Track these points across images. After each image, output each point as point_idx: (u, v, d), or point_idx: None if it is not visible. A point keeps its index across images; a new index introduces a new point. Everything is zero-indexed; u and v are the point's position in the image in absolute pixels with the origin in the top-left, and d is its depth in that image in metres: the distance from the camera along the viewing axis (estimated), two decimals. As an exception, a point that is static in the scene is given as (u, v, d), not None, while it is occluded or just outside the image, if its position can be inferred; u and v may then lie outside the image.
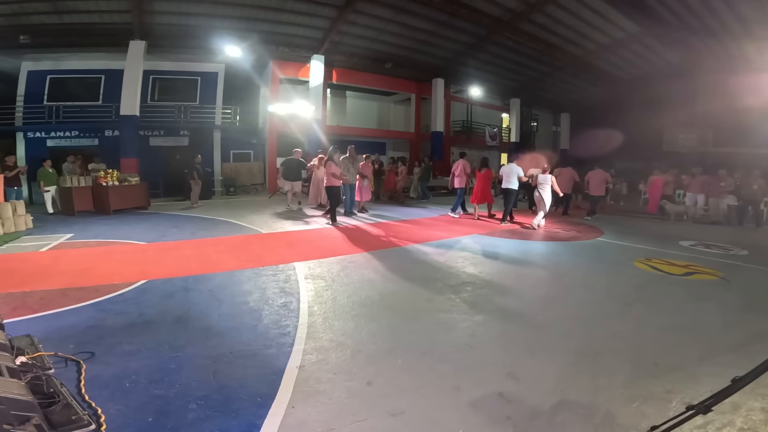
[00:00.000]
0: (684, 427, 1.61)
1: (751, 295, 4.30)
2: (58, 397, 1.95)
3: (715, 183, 10.16)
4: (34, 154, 12.54)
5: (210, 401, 2.12)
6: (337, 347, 2.81)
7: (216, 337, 2.92)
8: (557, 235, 7.76)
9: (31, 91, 13.45)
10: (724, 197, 10.05)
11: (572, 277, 4.82)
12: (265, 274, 4.54)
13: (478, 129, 21.58)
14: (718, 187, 10.07)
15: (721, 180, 10.13)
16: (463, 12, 13.53)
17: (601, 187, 10.29)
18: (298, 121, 14.60)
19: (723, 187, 10.04)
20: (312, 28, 14.06)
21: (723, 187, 10.04)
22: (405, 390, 2.29)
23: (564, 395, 2.27)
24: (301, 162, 10.66)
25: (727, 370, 1.75)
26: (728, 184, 10.08)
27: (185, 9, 12.12)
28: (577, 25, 14.75)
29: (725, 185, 10.05)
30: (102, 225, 7.81)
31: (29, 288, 3.92)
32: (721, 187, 10.04)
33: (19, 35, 11.50)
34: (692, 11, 12.55)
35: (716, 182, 10.15)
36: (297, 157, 10.60)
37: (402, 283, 4.37)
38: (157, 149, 14.33)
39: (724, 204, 10.04)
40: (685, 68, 16.45)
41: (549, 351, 2.84)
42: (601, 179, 10.26)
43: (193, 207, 10.62)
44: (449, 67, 17.71)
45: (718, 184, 10.09)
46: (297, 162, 10.49)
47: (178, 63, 14.68)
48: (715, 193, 10.12)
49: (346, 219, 8.84)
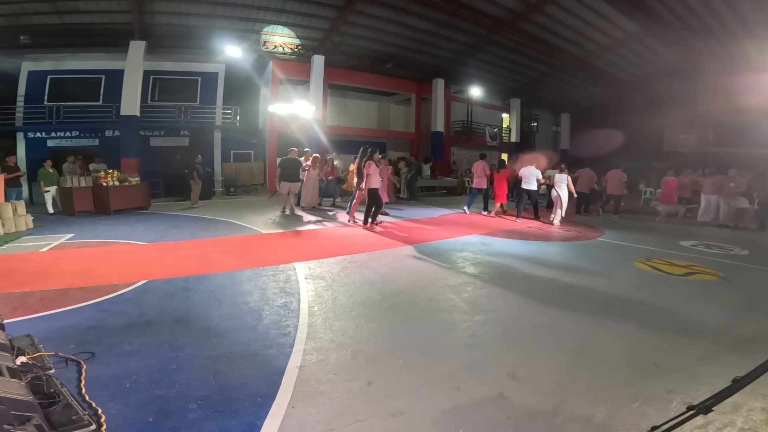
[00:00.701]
0: (685, 427, 1.61)
1: (752, 296, 4.30)
2: (59, 397, 1.95)
3: (725, 183, 9.44)
4: (35, 154, 12.54)
5: (210, 401, 2.12)
6: (337, 347, 2.81)
7: (216, 338, 2.92)
8: (558, 235, 7.75)
9: (32, 92, 13.45)
10: (734, 198, 9.35)
11: (572, 277, 4.82)
12: (266, 275, 4.54)
13: (479, 129, 21.58)
14: (728, 188, 9.35)
15: (730, 180, 9.41)
16: (463, 12, 13.53)
17: (619, 186, 10.65)
18: (298, 121, 14.59)
19: (733, 188, 9.32)
20: (312, 29, 14.07)
21: (733, 188, 9.32)
22: (405, 390, 2.29)
23: (564, 395, 2.27)
24: (298, 161, 10.18)
25: (727, 370, 1.75)
26: (739, 184, 9.37)
27: (185, 9, 12.14)
28: (578, 25, 14.75)
29: (735, 186, 9.32)
30: (102, 225, 7.81)
31: (30, 288, 3.92)
32: (731, 188, 9.32)
33: (20, 35, 11.51)
34: (692, 11, 12.55)
35: (726, 182, 9.43)
36: (293, 156, 10.11)
37: (402, 284, 4.37)
38: (158, 149, 14.33)
39: (734, 206, 9.34)
40: (685, 68, 16.44)
41: (549, 351, 2.84)
42: (619, 179, 10.64)
43: (194, 207, 10.62)
44: (449, 67, 17.71)
45: (728, 185, 9.37)
46: (294, 161, 10.02)
47: (179, 63, 14.68)
48: (726, 194, 9.39)
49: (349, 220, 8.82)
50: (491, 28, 14.80)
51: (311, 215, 9.55)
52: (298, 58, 14.90)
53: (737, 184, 9.36)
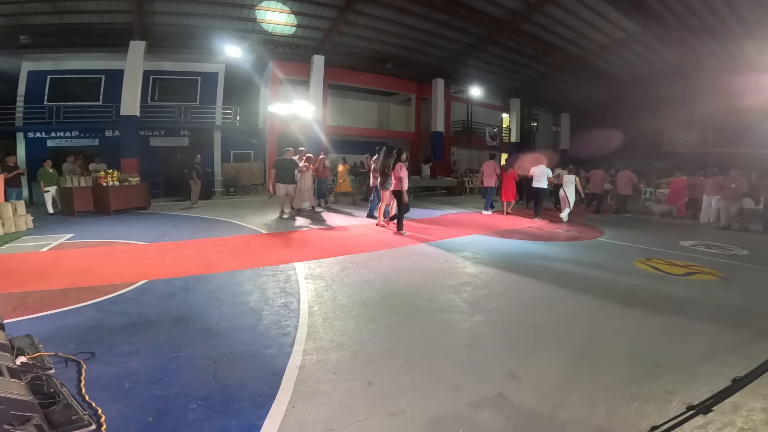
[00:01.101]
0: (684, 427, 1.61)
1: (752, 295, 4.30)
2: (59, 397, 1.95)
3: (726, 184, 9.18)
4: (35, 154, 12.56)
5: (210, 401, 2.12)
6: (337, 347, 2.81)
7: (216, 338, 2.92)
8: (558, 235, 7.76)
9: (32, 92, 13.46)
10: (737, 200, 9.12)
11: (572, 277, 4.82)
12: (266, 275, 4.54)
13: (479, 129, 21.59)
14: (729, 189, 9.09)
15: (731, 181, 9.16)
16: (463, 12, 13.54)
17: (628, 186, 11.03)
18: (298, 121, 14.60)
19: (734, 189, 9.06)
20: (312, 29, 14.06)
21: (734, 189, 9.06)
22: (405, 390, 2.29)
23: (564, 395, 2.27)
24: (293, 162, 9.70)
25: (727, 370, 1.75)
26: (741, 185, 9.15)
27: (185, 9, 12.14)
28: (577, 25, 14.76)
29: (737, 187, 9.08)
30: (102, 225, 7.81)
31: (29, 288, 3.92)
32: (732, 189, 9.06)
33: (20, 35, 11.52)
34: (692, 11, 12.56)
35: (727, 183, 9.18)
36: (289, 157, 9.65)
37: (402, 284, 4.37)
38: (158, 149, 14.34)
39: (736, 207, 9.12)
40: (685, 68, 16.45)
41: (549, 351, 2.84)
42: (627, 179, 11.03)
43: (194, 207, 10.62)
44: (449, 67, 17.72)
45: (729, 186, 9.12)
46: (289, 162, 9.57)
47: (179, 63, 14.69)
48: (726, 195, 9.13)
49: (355, 220, 8.83)
50: (491, 28, 14.81)
51: (311, 215, 9.55)
52: (298, 58, 14.90)
53: (739, 185, 9.18)
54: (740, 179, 9.35)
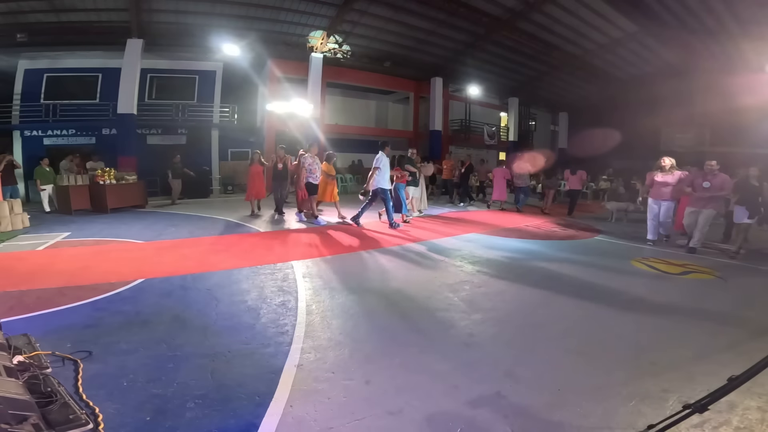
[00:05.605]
0: (681, 425, 1.62)
1: (748, 295, 4.33)
2: (56, 396, 1.95)
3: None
4: (31, 152, 12.50)
5: (208, 400, 2.12)
6: (335, 346, 2.81)
7: (214, 336, 2.91)
8: (555, 234, 7.77)
9: (28, 90, 13.36)
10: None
11: (569, 276, 4.83)
12: (263, 273, 4.54)
13: (477, 128, 21.57)
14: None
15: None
16: (461, 11, 13.52)
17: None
18: (296, 119, 14.56)
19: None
20: (311, 27, 14.02)
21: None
22: (403, 389, 2.29)
23: (562, 394, 2.28)
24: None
25: (723, 369, 1.76)
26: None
27: (183, 7, 12.07)
28: (576, 24, 14.76)
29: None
30: (99, 223, 7.78)
31: (26, 287, 3.90)
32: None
33: (16, 33, 11.43)
34: (690, 11, 12.58)
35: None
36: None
37: (400, 282, 4.37)
38: (155, 148, 14.26)
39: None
40: (683, 68, 16.49)
41: (547, 350, 2.85)
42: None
43: (174, 204, 10.91)
44: (448, 66, 17.70)
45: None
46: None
47: (176, 61, 14.62)
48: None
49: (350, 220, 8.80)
50: (490, 27, 14.80)
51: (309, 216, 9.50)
52: (296, 56, 14.87)
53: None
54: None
